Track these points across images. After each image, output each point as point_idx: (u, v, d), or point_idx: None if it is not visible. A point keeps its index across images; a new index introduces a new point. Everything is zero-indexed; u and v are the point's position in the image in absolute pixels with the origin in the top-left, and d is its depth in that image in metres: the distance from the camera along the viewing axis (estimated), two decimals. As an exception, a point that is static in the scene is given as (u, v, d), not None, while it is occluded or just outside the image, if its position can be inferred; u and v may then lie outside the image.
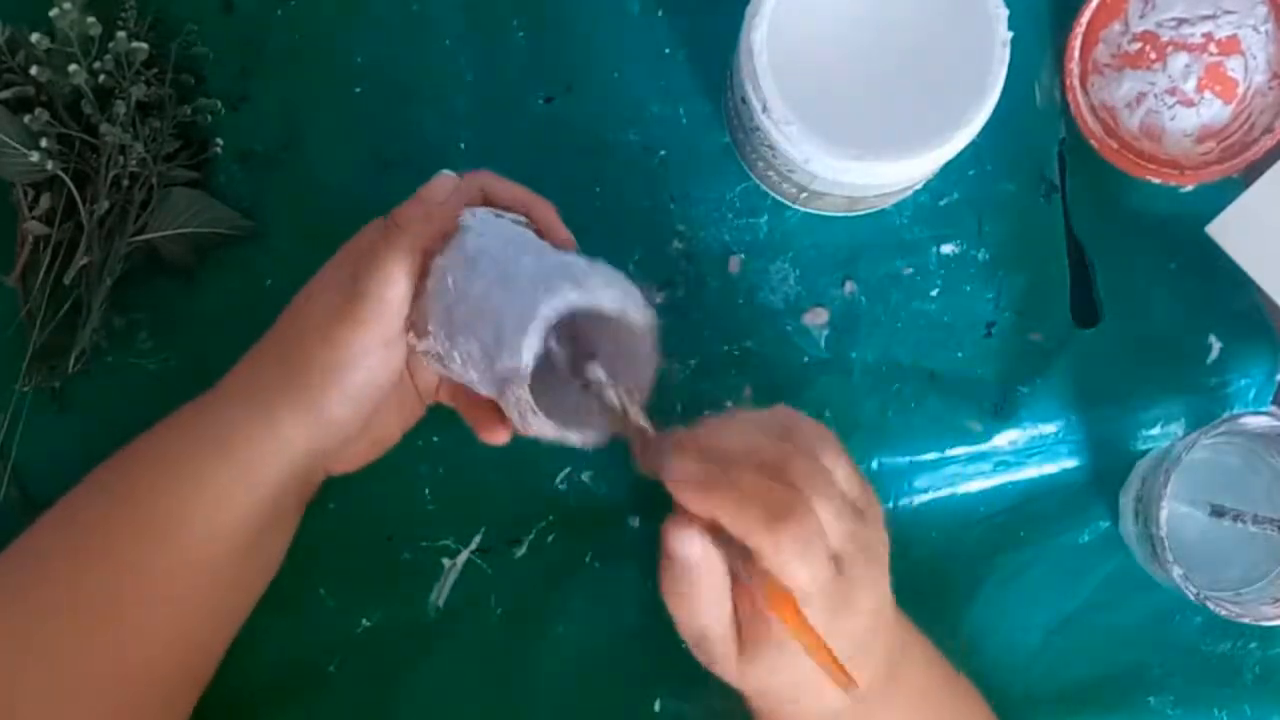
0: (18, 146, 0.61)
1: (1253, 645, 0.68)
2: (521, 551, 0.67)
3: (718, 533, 0.50)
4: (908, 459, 0.69)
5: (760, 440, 0.52)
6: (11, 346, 0.66)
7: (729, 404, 0.69)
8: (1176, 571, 0.61)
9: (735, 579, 0.52)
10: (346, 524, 0.66)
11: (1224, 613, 0.61)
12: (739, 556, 0.50)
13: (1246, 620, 0.61)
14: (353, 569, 0.66)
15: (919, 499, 0.69)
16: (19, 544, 0.58)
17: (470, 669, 0.67)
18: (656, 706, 0.66)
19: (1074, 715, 0.65)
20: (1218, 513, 0.64)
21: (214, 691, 0.63)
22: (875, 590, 0.53)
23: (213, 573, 0.58)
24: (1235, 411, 0.68)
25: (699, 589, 0.52)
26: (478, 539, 0.67)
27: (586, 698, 0.67)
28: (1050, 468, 0.69)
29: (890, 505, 0.69)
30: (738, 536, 0.49)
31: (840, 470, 0.53)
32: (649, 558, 0.66)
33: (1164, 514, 0.61)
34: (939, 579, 0.68)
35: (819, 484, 0.51)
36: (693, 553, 0.51)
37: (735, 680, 0.55)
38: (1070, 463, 0.69)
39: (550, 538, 0.67)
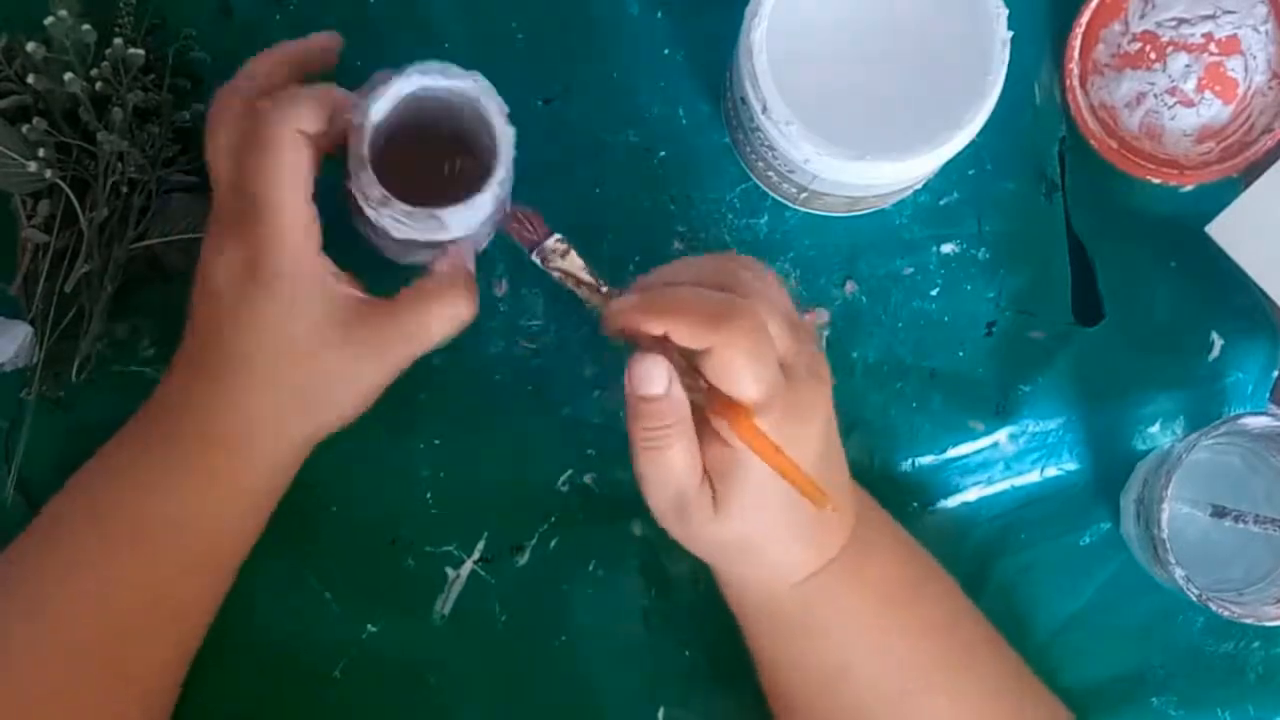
0: (15, 157, 0.61)
1: (1255, 645, 0.68)
2: (524, 559, 0.67)
3: (669, 352, 0.52)
4: (909, 461, 0.69)
5: (705, 266, 0.55)
6: (15, 355, 0.66)
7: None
8: (1178, 572, 0.61)
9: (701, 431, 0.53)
10: (348, 527, 0.66)
11: (1226, 613, 0.61)
12: (693, 377, 0.52)
13: (1249, 621, 0.62)
14: (356, 574, 0.66)
15: (920, 502, 0.69)
16: None
17: (474, 676, 0.67)
18: (660, 715, 0.67)
19: (1077, 717, 0.65)
20: (1219, 513, 0.64)
21: (216, 695, 0.63)
22: (824, 405, 0.55)
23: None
24: (1236, 412, 0.68)
25: (671, 432, 0.52)
26: (481, 546, 0.67)
27: (591, 706, 0.67)
28: (1051, 470, 0.69)
29: (892, 509, 0.69)
30: (689, 343, 0.50)
31: (781, 293, 0.55)
32: (652, 566, 0.67)
33: (1165, 515, 0.61)
34: (941, 581, 0.68)
35: (762, 293, 0.53)
36: (657, 382, 0.52)
37: (711, 540, 0.56)
38: (1071, 464, 0.69)
39: (553, 542, 0.67)
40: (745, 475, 0.53)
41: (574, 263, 0.59)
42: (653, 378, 0.52)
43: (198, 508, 0.58)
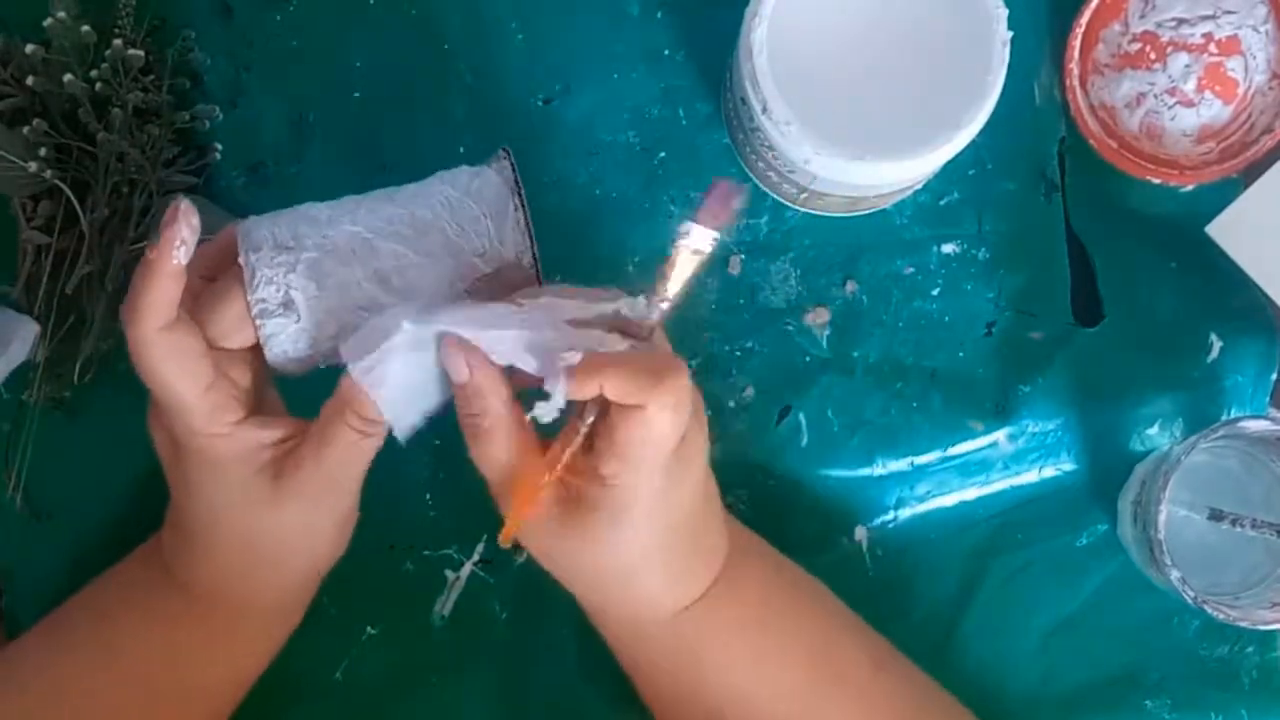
0: (15, 160, 0.61)
1: (1250, 649, 0.68)
2: (523, 559, 0.68)
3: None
4: (909, 460, 0.69)
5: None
6: (19, 357, 0.66)
7: (730, 403, 0.69)
8: (1175, 575, 0.61)
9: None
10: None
11: (1222, 616, 0.61)
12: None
13: (1244, 624, 0.62)
14: (355, 577, 0.66)
15: (919, 501, 0.69)
16: None
17: (474, 677, 0.68)
18: (659, 717, 0.67)
19: (1071, 718, 0.66)
20: (1216, 516, 0.64)
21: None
22: (705, 444, 0.55)
23: None
24: (1234, 415, 0.68)
25: (493, 444, 0.53)
26: (480, 549, 0.68)
27: (590, 707, 0.67)
28: (1049, 470, 0.69)
29: (891, 508, 0.69)
30: (626, 401, 0.50)
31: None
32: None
33: (1163, 517, 0.61)
34: (937, 581, 0.69)
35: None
36: (461, 374, 0.52)
37: (561, 556, 0.55)
38: (1069, 465, 0.69)
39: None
40: (625, 510, 0.52)
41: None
42: (455, 366, 0.52)
43: (180, 648, 0.59)
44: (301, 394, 0.56)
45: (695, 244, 0.51)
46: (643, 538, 0.53)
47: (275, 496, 0.54)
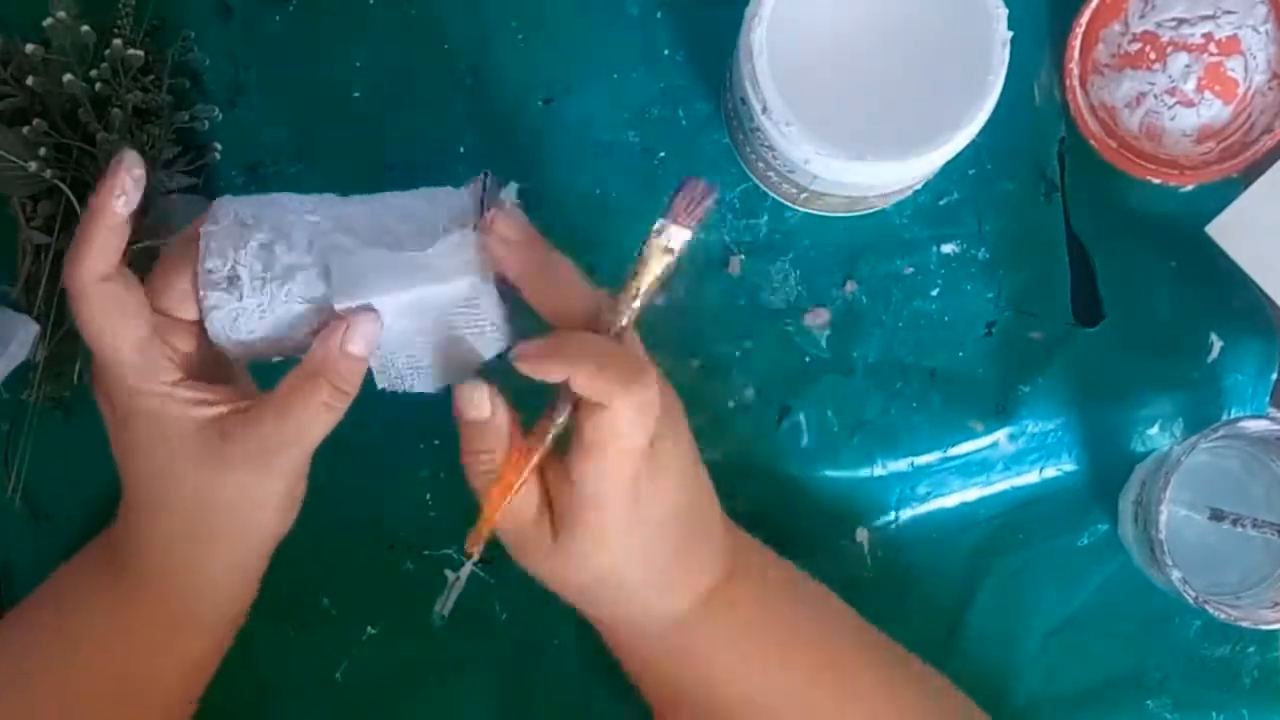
0: (15, 160, 0.61)
1: (1251, 649, 0.68)
2: (523, 560, 0.68)
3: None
4: (909, 460, 0.69)
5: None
6: (18, 357, 0.66)
7: (731, 403, 0.69)
8: (1175, 575, 0.61)
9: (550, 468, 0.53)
10: (348, 530, 0.67)
11: (1223, 616, 0.61)
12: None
13: (1245, 624, 0.62)
14: (355, 577, 0.67)
15: (919, 502, 0.69)
16: None
17: (474, 677, 0.68)
18: (660, 716, 0.67)
19: (1072, 718, 0.66)
20: (1217, 516, 0.64)
21: (218, 700, 0.63)
22: (682, 455, 0.54)
23: None
24: (1235, 415, 0.68)
25: (496, 458, 0.53)
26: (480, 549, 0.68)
27: (591, 708, 0.67)
28: (1050, 470, 0.69)
29: (892, 508, 0.69)
30: (592, 397, 0.50)
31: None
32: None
33: (1163, 517, 0.61)
34: (937, 581, 0.69)
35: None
36: (481, 406, 0.52)
37: (553, 577, 0.56)
38: (1070, 465, 0.69)
39: (552, 542, 0.68)
40: (596, 517, 0.52)
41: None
42: (474, 402, 0.52)
43: (137, 636, 0.59)
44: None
45: (667, 242, 0.51)
46: (618, 551, 0.53)
47: (223, 456, 0.54)
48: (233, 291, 0.53)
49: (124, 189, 0.50)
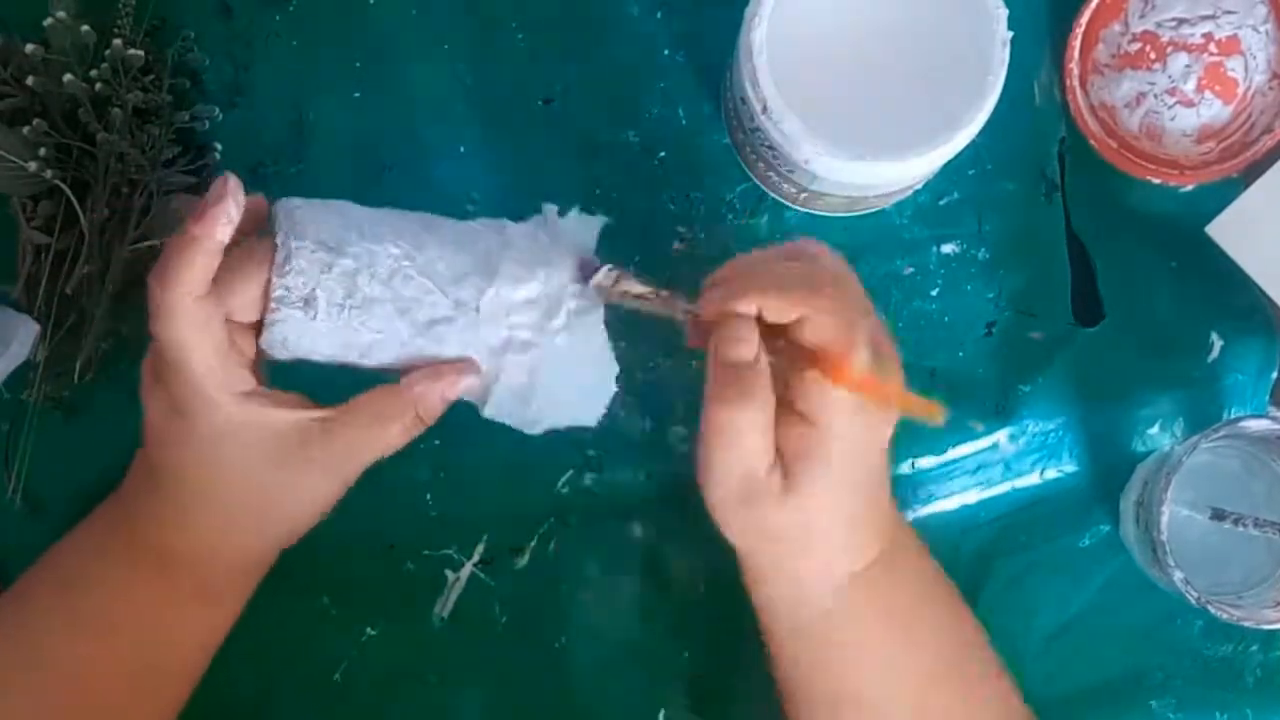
0: (15, 160, 0.61)
1: (1254, 648, 0.68)
2: (524, 561, 0.68)
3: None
4: (910, 462, 0.69)
5: (781, 251, 0.56)
6: (19, 357, 0.66)
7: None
8: (1177, 575, 0.61)
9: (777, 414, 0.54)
10: (348, 530, 0.66)
11: (1225, 616, 0.61)
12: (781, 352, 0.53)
13: (1248, 623, 0.62)
14: (355, 578, 0.67)
15: (921, 504, 0.69)
16: None
17: (474, 678, 0.68)
18: (661, 716, 0.67)
19: (1075, 719, 0.65)
20: (1219, 516, 0.64)
21: (218, 700, 0.63)
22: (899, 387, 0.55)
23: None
24: (1235, 415, 0.68)
25: (753, 401, 0.52)
26: (480, 549, 0.67)
27: (591, 708, 0.67)
28: (1051, 471, 0.69)
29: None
30: (788, 310, 0.51)
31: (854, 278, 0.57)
32: (652, 567, 0.67)
33: (1165, 517, 0.61)
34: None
35: (848, 271, 0.56)
36: (746, 344, 0.53)
37: (775, 525, 0.55)
38: (1070, 466, 0.69)
39: (553, 544, 0.68)
40: (825, 454, 0.53)
41: (632, 285, 0.57)
42: (740, 338, 0.53)
43: (155, 614, 0.59)
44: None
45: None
46: (835, 487, 0.54)
47: (304, 460, 0.56)
48: (308, 311, 0.53)
49: (230, 217, 0.51)
